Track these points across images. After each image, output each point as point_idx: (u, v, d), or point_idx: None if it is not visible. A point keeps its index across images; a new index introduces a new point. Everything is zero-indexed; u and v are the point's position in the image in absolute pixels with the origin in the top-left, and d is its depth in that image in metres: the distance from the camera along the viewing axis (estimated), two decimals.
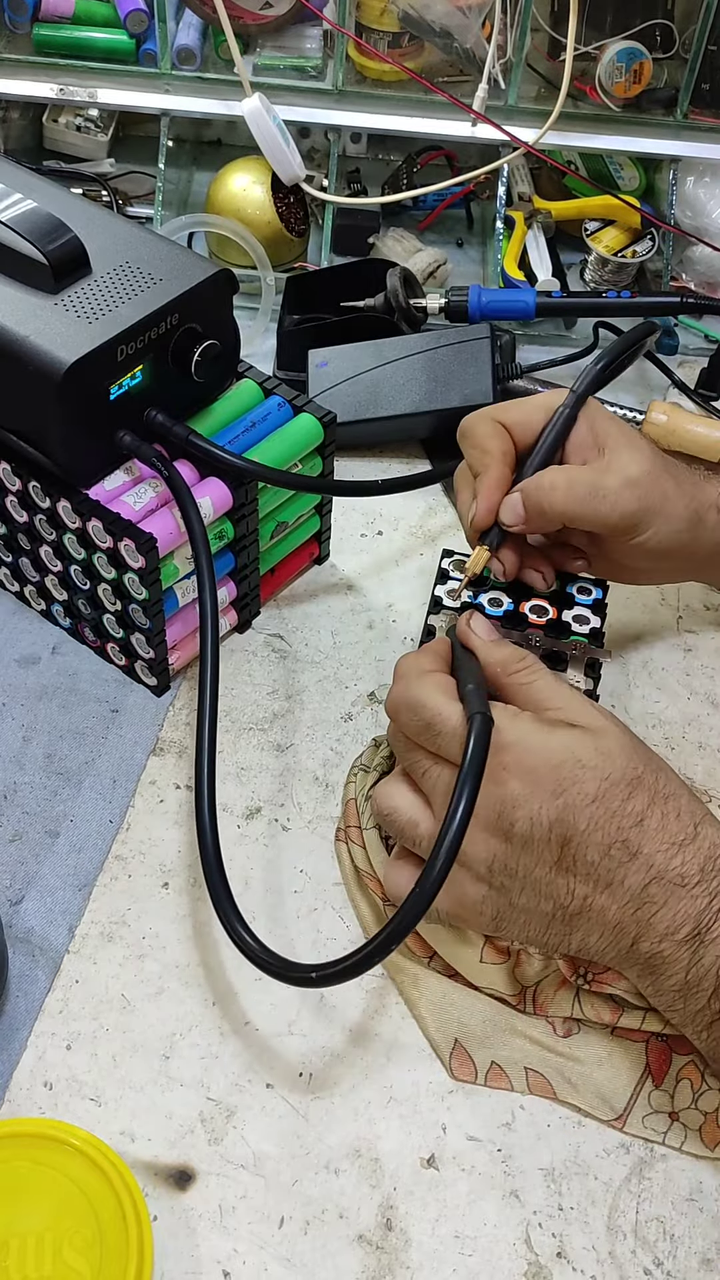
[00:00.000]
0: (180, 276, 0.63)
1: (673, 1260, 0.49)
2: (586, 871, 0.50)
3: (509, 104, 0.94)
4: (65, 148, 1.06)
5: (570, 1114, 0.53)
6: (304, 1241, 0.50)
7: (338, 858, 0.62)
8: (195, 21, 0.97)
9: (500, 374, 0.83)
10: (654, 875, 0.49)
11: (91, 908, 0.59)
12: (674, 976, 0.49)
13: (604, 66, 0.93)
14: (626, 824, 0.49)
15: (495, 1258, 0.50)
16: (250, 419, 0.68)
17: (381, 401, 0.82)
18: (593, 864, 0.49)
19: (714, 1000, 0.49)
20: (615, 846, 0.49)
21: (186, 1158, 0.52)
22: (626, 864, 0.49)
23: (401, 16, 0.92)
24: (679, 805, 0.51)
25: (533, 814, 0.49)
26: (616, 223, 1.00)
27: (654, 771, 0.51)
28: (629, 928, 0.50)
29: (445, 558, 0.67)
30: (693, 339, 0.98)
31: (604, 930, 0.50)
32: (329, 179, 0.99)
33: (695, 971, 0.49)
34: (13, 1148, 0.47)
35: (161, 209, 0.98)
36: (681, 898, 0.49)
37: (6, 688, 0.69)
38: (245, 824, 0.63)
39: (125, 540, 0.60)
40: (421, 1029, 0.56)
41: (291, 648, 0.72)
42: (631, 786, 0.50)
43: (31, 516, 0.66)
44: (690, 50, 0.92)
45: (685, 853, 0.49)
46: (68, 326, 0.59)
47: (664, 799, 0.50)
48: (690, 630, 0.75)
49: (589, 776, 0.50)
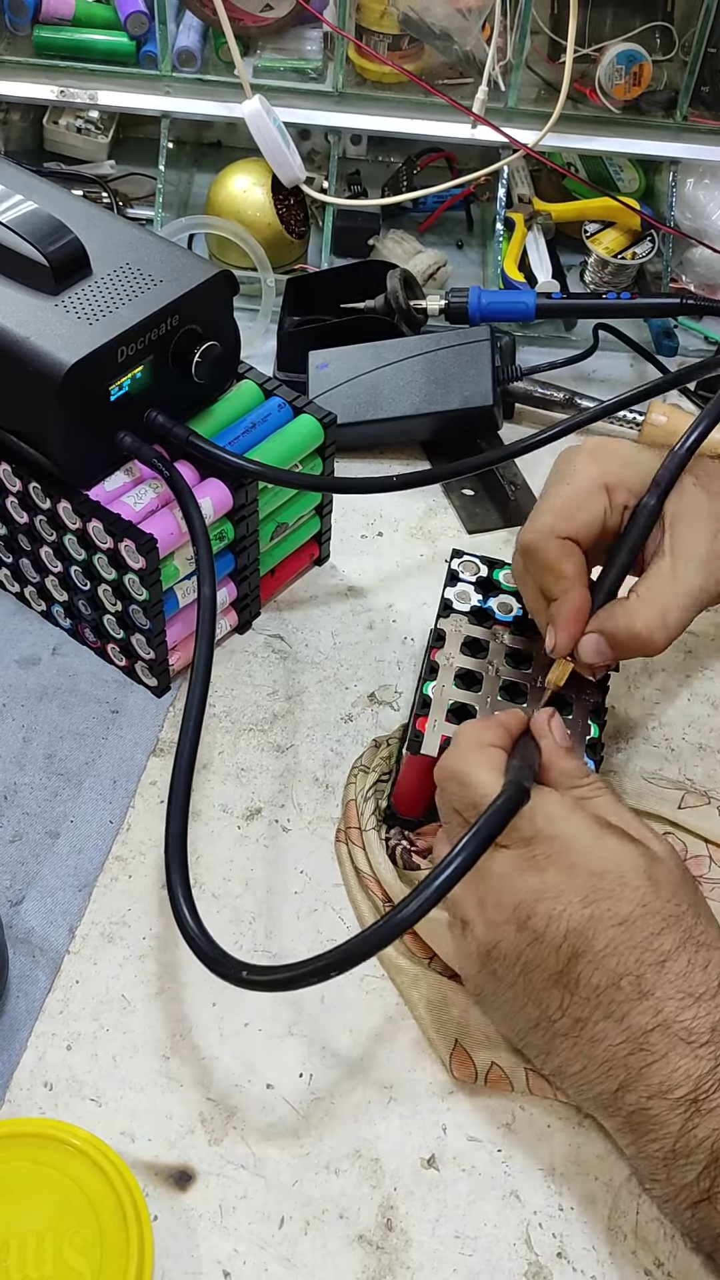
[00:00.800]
0: (180, 278, 0.63)
1: (673, 1261, 0.49)
2: (587, 995, 0.46)
3: (509, 106, 0.95)
4: (66, 149, 1.06)
5: (571, 1114, 0.53)
6: (304, 1242, 0.50)
7: (338, 859, 0.62)
8: (195, 24, 0.97)
9: (500, 376, 0.83)
10: (660, 1022, 0.45)
11: (92, 908, 0.60)
12: (660, 1141, 0.45)
13: (604, 68, 0.93)
14: (648, 959, 0.46)
15: (496, 1258, 0.49)
16: (250, 420, 0.68)
17: (381, 403, 0.82)
18: (596, 988, 0.46)
19: (703, 1178, 0.44)
20: (627, 979, 0.46)
21: (187, 1158, 0.52)
22: (635, 1002, 0.46)
23: (401, 19, 0.93)
24: (709, 957, 0.47)
25: (554, 913, 0.47)
26: (616, 225, 1.01)
27: (695, 915, 0.48)
28: (617, 1071, 0.46)
29: (455, 558, 0.65)
30: (692, 340, 0.98)
31: (588, 1063, 0.47)
32: (329, 181, 0.99)
33: (685, 1141, 0.44)
34: (13, 1148, 0.47)
35: (162, 211, 0.98)
36: (684, 1054, 0.45)
37: (7, 688, 0.69)
38: (245, 825, 0.63)
39: (126, 541, 0.61)
40: (421, 1029, 0.56)
41: (292, 648, 0.72)
42: (667, 922, 0.47)
43: (32, 517, 0.66)
44: (690, 52, 0.92)
45: (701, 1007, 0.45)
46: (68, 328, 0.60)
47: (696, 946, 0.47)
48: (690, 632, 0.75)
49: (627, 896, 0.47)
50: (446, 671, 0.61)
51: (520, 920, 0.47)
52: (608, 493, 0.57)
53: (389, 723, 0.68)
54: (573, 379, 0.92)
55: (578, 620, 0.57)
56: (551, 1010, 0.48)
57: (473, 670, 0.61)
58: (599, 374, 0.95)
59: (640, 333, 0.97)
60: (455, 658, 0.61)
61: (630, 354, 0.95)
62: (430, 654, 0.62)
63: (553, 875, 0.47)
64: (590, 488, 0.57)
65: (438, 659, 0.61)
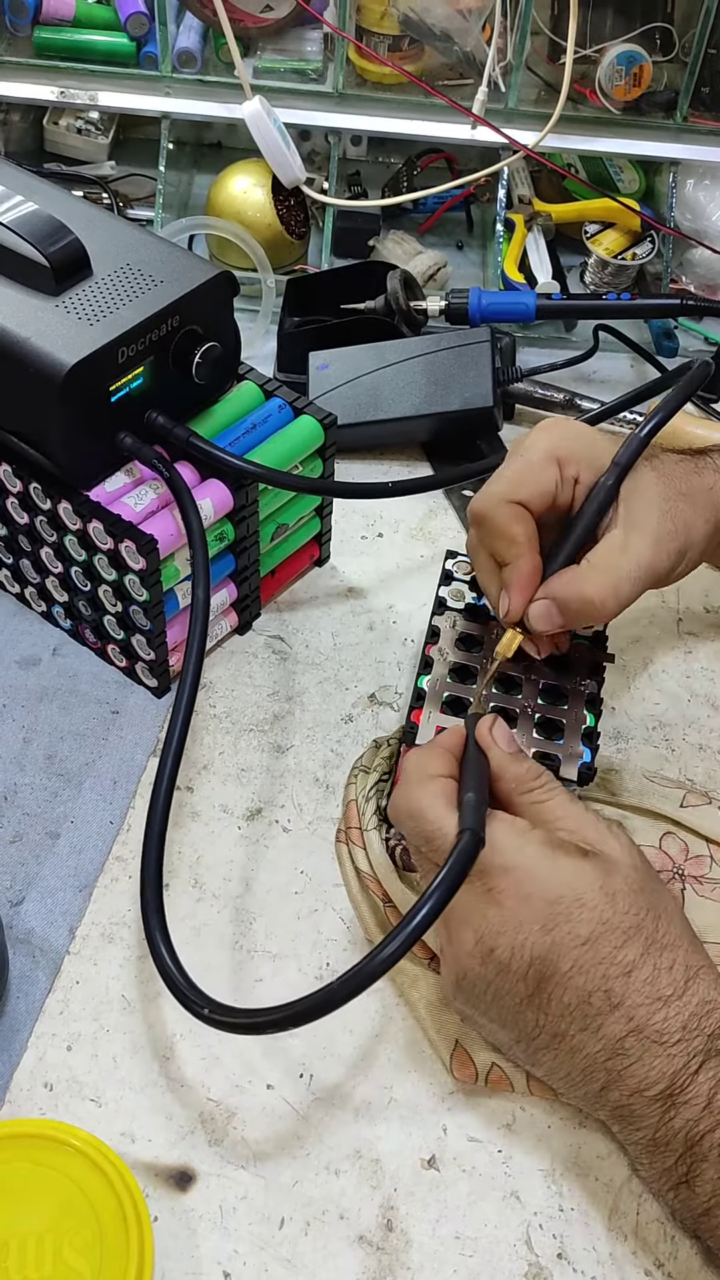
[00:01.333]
0: (181, 279, 0.63)
1: (673, 1261, 0.49)
2: (560, 1013, 0.48)
3: (509, 107, 0.95)
4: (66, 150, 1.07)
5: (571, 1115, 0.53)
6: (304, 1242, 0.50)
7: (338, 859, 0.62)
8: (196, 24, 0.97)
9: (500, 377, 0.83)
10: (633, 1028, 0.47)
11: (92, 909, 0.60)
12: (641, 1132, 0.47)
13: (604, 69, 0.93)
14: (613, 972, 0.47)
15: (496, 1258, 0.49)
16: (251, 421, 0.69)
17: (382, 404, 0.82)
18: (568, 1006, 0.48)
19: (680, 1163, 0.47)
20: (596, 995, 0.47)
21: (187, 1158, 0.52)
22: (606, 1014, 0.47)
23: (402, 20, 0.93)
24: (674, 957, 0.48)
25: (516, 944, 0.48)
26: (616, 225, 1.01)
27: (656, 917, 0.49)
28: (598, 1075, 0.48)
29: (449, 559, 0.67)
30: (692, 341, 0.98)
31: (571, 1070, 0.49)
32: (329, 181, 0.99)
33: (663, 1132, 0.47)
34: (13, 1148, 0.47)
35: (162, 211, 0.98)
36: (657, 1055, 0.47)
37: (7, 689, 0.69)
38: (245, 825, 0.63)
39: (126, 542, 0.61)
40: (422, 1030, 0.56)
41: (292, 649, 0.72)
42: (628, 934, 0.48)
43: (32, 518, 0.66)
44: (690, 53, 0.92)
45: (670, 1009, 0.47)
46: (69, 328, 0.60)
47: (659, 950, 0.48)
48: (690, 632, 0.75)
49: (585, 917, 0.48)
50: (441, 665, 0.62)
51: (484, 954, 0.49)
52: (559, 465, 0.58)
53: (389, 723, 0.68)
54: (573, 380, 0.92)
55: (530, 584, 0.58)
56: (529, 1029, 0.49)
57: (466, 664, 0.62)
58: (599, 375, 0.95)
59: (640, 334, 0.97)
60: (449, 652, 0.63)
61: (630, 355, 0.95)
62: (425, 649, 0.63)
63: (510, 907, 0.48)
64: (542, 459, 0.58)
65: (432, 654, 0.63)
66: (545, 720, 0.60)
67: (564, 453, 0.59)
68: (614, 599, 0.56)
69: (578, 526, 0.58)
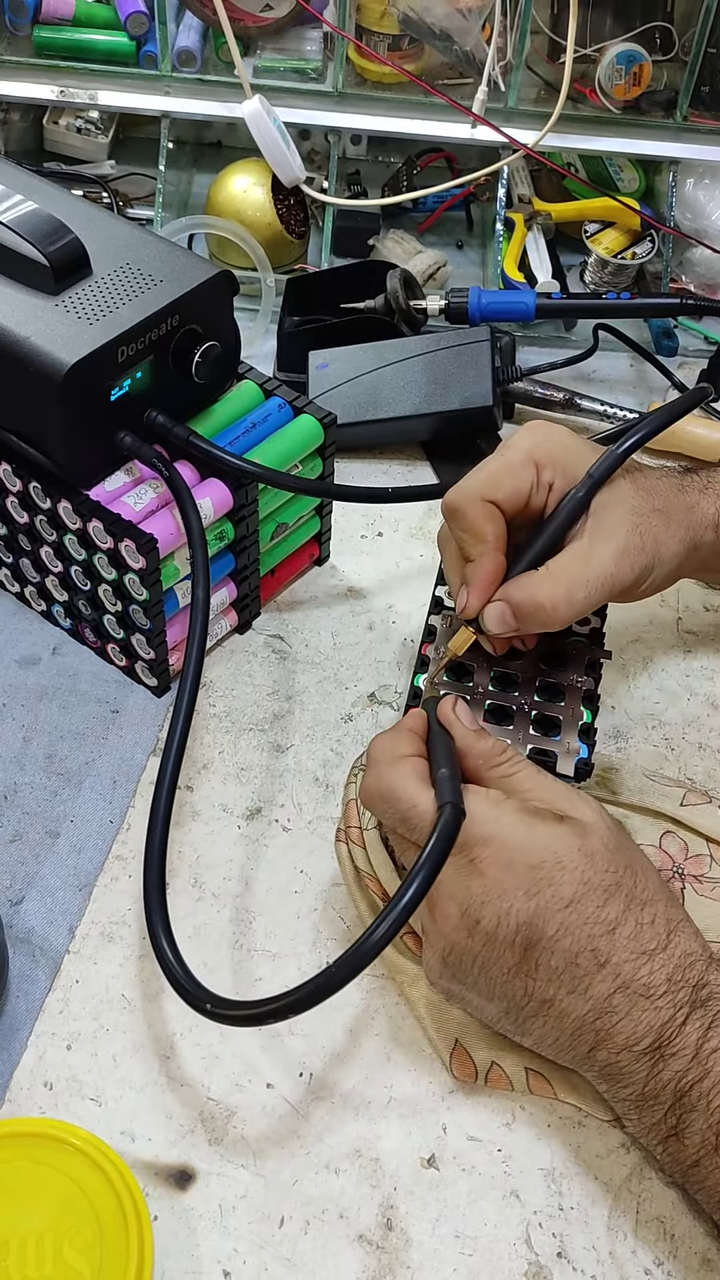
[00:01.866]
0: (181, 278, 0.63)
1: (673, 1260, 0.49)
2: (549, 977, 0.48)
3: (509, 106, 0.95)
4: (66, 149, 1.06)
5: (571, 1114, 0.53)
6: (304, 1241, 0.50)
7: (338, 858, 0.62)
8: (195, 24, 0.97)
9: (500, 376, 0.83)
10: (620, 985, 0.48)
11: (92, 908, 0.60)
12: (630, 1087, 0.48)
13: (604, 69, 0.93)
14: (598, 931, 0.48)
15: (496, 1257, 0.50)
16: (251, 420, 0.69)
17: (381, 403, 0.82)
18: (556, 970, 0.48)
19: (669, 1116, 0.47)
20: (584, 955, 0.48)
21: (187, 1157, 0.52)
22: (594, 973, 0.48)
23: (401, 19, 0.93)
24: (654, 912, 0.49)
25: (501, 912, 0.48)
26: (616, 225, 1.01)
27: (634, 874, 0.50)
28: (586, 1035, 0.48)
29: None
30: (692, 340, 0.98)
31: (560, 1034, 0.49)
32: (329, 181, 0.99)
33: (652, 1085, 0.47)
34: (13, 1148, 0.47)
35: (162, 211, 0.98)
36: (645, 1009, 0.47)
37: (7, 688, 0.69)
38: (245, 824, 0.63)
39: (126, 541, 0.61)
40: (421, 1029, 0.56)
41: (291, 649, 0.72)
42: (609, 892, 0.49)
43: (32, 517, 0.66)
44: (690, 52, 0.92)
45: (654, 962, 0.48)
46: (68, 327, 0.60)
47: (640, 905, 0.49)
48: (690, 631, 0.75)
49: (567, 879, 0.48)
50: (437, 664, 0.62)
51: (470, 925, 0.49)
52: (537, 468, 0.58)
53: (388, 723, 0.68)
54: (573, 379, 0.92)
55: (490, 584, 0.58)
56: (518, 998, 0.49)
57: (463, 663, 0.62)
58: (599, 374, 0.95)
59: (640, 333, 0.97)
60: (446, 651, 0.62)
61: (630, 354, 0.95)
62: (421, 649, 0.63)
63: (493, 876, 0.49)
64: (521, 460, 0.59)
65: (428, 653, 0.63)
66: (542, 716, 0.60)
67: (543, 457, 0.59)
68: (566, 606, 0.57)
69: (544, 533, 0.58)
